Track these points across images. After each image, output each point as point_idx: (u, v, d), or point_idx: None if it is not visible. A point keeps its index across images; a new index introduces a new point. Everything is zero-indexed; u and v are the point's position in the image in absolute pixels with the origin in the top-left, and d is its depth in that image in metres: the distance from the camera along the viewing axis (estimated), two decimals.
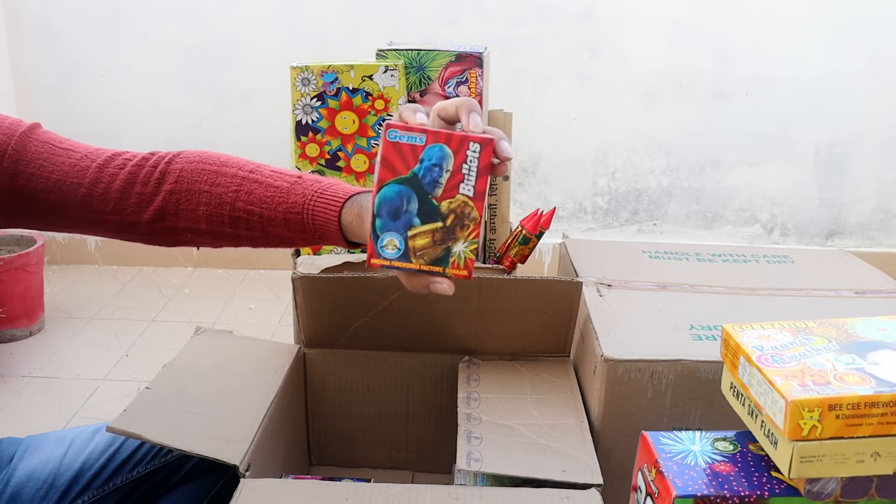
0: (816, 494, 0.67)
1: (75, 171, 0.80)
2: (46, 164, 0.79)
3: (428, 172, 0.60)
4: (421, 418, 1.19)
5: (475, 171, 0.59)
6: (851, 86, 2.26)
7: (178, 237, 0.83)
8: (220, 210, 0.80)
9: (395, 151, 0.60)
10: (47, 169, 0.79)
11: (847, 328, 0.75)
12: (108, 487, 0.96)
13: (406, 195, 0.60)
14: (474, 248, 0.61)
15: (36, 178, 0.79)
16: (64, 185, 0.79)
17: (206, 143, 2.39)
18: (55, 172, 0.79)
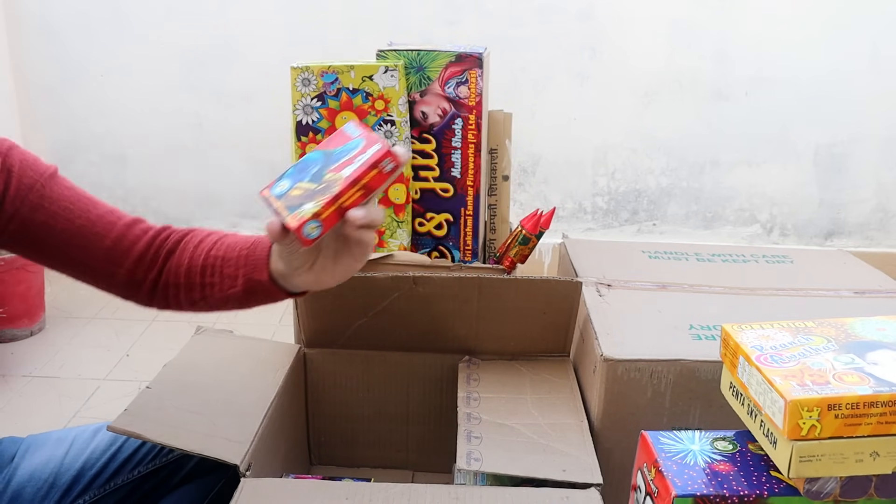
0: (815, 494, 0.67)
1: (102, 224, 0.86)
2: (73, 208, 0.85)
3: (340, 154, 0.70)
4: (421, 418, 1.19)
5: (362, 163, 0.68)
6: (851, 86, 2.26)
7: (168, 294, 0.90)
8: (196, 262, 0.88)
9: (339, 135, 0.74)
10: (73, 213, 0.85)
11: (846, 328, 0.76)
12: (109, 487, 0.96)
13: (317, 160, 0.72)
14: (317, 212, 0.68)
15: (59, 217, 0.84)
16: (89, 232, 0.85)
17: (206, 143, 2.39)
18: (80, 219, 0.85)
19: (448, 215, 1.24)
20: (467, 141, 1.19)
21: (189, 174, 2.43)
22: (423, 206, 1.24)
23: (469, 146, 1.19)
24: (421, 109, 1.19)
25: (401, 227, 1.22)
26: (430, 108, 1.19)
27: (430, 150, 1.21)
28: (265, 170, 2.40)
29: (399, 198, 1.20)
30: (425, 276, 1.08)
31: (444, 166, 1.21)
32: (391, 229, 1.22)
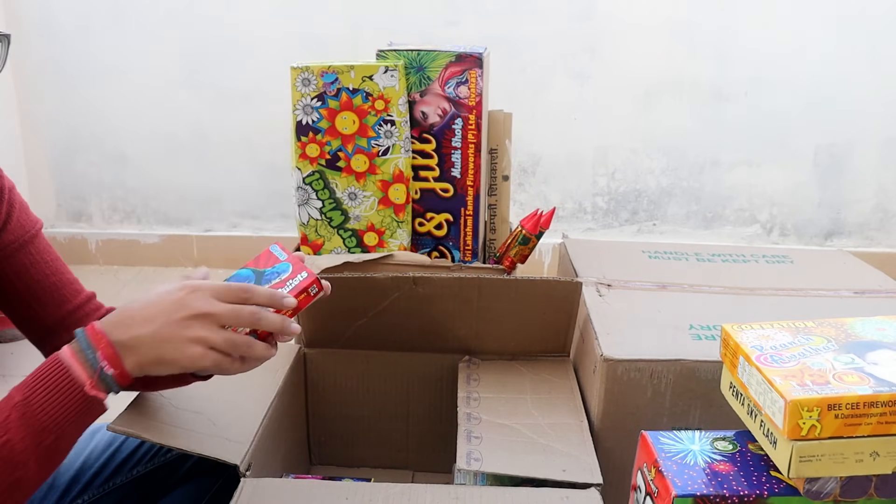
0: (815, 494, 0.67)
1: (69, 289, 0.91)
2: (52, 264, 0.90)
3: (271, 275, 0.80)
4: (421, 418, 1.19)
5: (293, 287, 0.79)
6: (851, 86, 2.26)
7: None
8: None
9: (266, 255, 0.83)
10: (50, 268, 0.90)
11: (846, 328, 0.76)
12: (109, 487, 0.96)
13: (248, 277, 0.81)
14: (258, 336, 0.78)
15: (38, 266, 0.88)
16: (57, 292, 0.90)
17: (206, 143, 2.39)
18: (54, 276, 0.90)
19: (448, 215, 1.23)
20: (467, 141, 1.19)
21: (189, 174, 2.43)
22: (423, 206, 1.24)
23: (469, 146, 1.19)
24: (421, 109, 1.19)
25: (401, 227, 1.22)
26: (430, 108, 1.19)
27: (430, 150, 1.21)
28: (265, 170, 2.40)
29: (399, 198, 1.20)
30: (425, 277, 1.08)
31: (444, 166, 1.21)
32: (391, 229, 1.22)
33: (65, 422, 0.68)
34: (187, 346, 0.71)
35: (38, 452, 0.67)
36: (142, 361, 0.71)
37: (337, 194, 1.20)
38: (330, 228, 1.22)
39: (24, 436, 0.66)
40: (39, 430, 0.67)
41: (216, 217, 2.48)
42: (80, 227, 2.50)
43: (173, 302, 0.72)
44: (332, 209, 1.21)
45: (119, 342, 0.70)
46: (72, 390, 0.68)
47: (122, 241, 2.49)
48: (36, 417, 0.67)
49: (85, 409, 0.69)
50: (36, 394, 0.68)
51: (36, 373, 0.69)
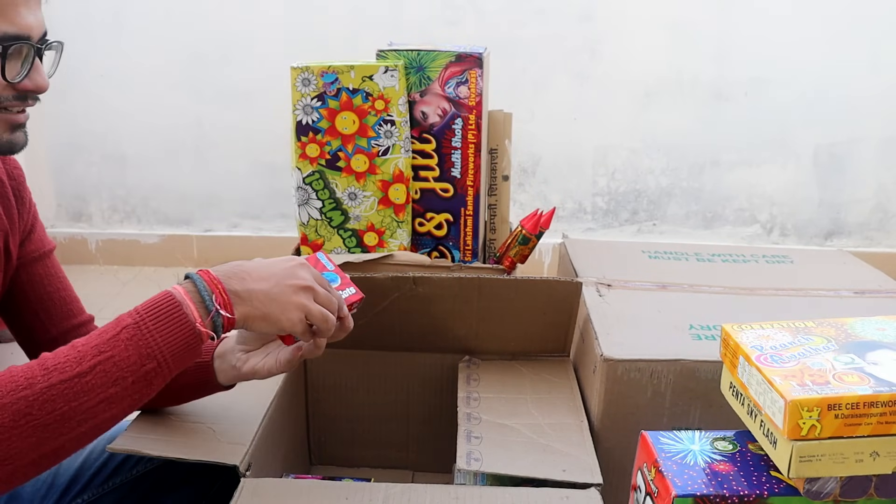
0: (815, 494, 0.67)
1: (75, 306, 0.96)
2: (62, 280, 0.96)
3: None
4: (421, 418, 1.19)
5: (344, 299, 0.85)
6: (850, 86, 2.26)
7: None
8: None
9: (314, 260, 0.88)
10: (62, 284, 0.95)
11: (846, 328, 0.76)
12: (108, 486, 0.96)
13: None
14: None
15: (50, 280, 0.94)
16: (66, 307, 0.94)
17: (206, 143, 2.39)
18: (63, 292, 0.95)
19: (448, 215, 1.23)
20: (467, 141, 1.19)
21: (189, 174, 2.43)
22: (423, 206, 1.24)
23: (469, 146, 1.19)
24: (421, 109, 1.19)
25: (401, 227, 1.22)
26: (430, 108, 1.19)
27: (430, 150, 1.21)
28: (265, 170, 2.40)
29: (399, 198, 1.20)
30: (425, 277, 1.08)
31: (444, 166, 1.21)
32: (391, 229, 1.22)
33: (169, 352, 0.71)
34: (292, 310, 0.77)
35: (137, 376, 0.70)
36: (250, 313, 0.76)
37: (337, 194, 1.20)
38: (330, 228, 1.22)
39: (129, 354, 0.69)
40: (145, 354, 0.70)
41: (216, 217, 2.48)
42: (80, 227, 2.50)
43: (287, 269, 0.79)
44: (332, 209, 1.21)
45: (233, 291, 0.75)
46: (184, 324, 0.71)
47: (122, 241, 2.48)
48: (144, 340, 0.70)
49: (191, 344, 0.72)
50: (147, 320, 0.71)
51: (148, 303, 0.72)
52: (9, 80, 0.74)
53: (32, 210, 0.93)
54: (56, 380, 0.67)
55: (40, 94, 0.78)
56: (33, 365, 0.69)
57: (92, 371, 0.68)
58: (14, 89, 0.75)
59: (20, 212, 0.90)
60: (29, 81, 0.76)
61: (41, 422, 0.66)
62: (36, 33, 0.76)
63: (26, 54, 0.75)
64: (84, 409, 0.68)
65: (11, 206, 0.88)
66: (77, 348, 0.69)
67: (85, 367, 0.68)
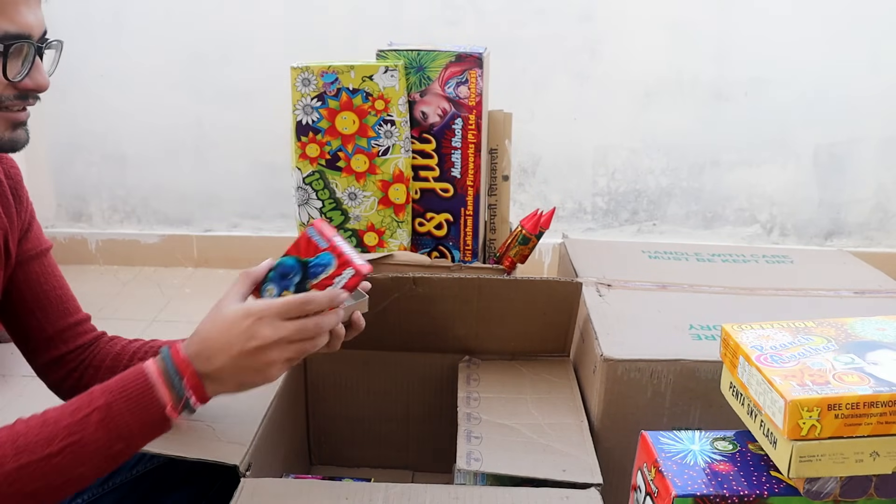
0: (815, 494, 0.67)
1: (72, 304, 0.96)
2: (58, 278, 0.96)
3: (315, 267, 0.79)
4: (421, 418, 1.19)
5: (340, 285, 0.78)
6: (850, 86, 2.26)
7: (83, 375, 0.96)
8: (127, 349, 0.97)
9: (305, 241, 0.81)
10: (58, 282, 0.95)
11: (846, 328, 0.76)
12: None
13: (294, 268, 0.80)
14: None
15: (47, 278, 0.94)
16: (62, 305, 0.95)
17: (206, 143, 2.39)
18: (60, 290, 0.95)
19: (448, 215, 1.23)
20: (467, 141, 1.19)
21: (189, 174, 2.43)
22: (423, 206, 1.24)
23: (469, 146, 1.19)
24: (421, 109, 1.19)
25: (401, 227, 1.22)
26: (430, 108, 1.19)
27: (430, 150, 1.21)
28: (265, 170, 2.40)
29: (399, 198, 1.20)
30: (425, 277, 1.08)
31: (444, 166, 1.21)
32: (391, 229, 1.22)
33: (139, 433, 0.71)
34: (266, 370, 0.75)
35: (106, 456, 0.70)
36: (222, 390, 0.75)
37: (337, 194, 1.20)
38: None
39: (98, 437, 0.69)
40: (115, 436, 0.70)
41: (216, 217, 2.48)
42: (80, 227, 2.50)
43: (243, 332, 0.74)
44: (332, 209, 1.21)
45: (203, 373, 0.73)
46: (154, 409, 0.71)
47: (122, 241, 2.48)
48: (114, 423, 0.70)
49: (158, 426, 0.72)
50: (119, 401, 0.70)
51: (121, 381, 0.72)
52: (10, 79, 0.74)
53: (30, 209, 0.93)
54: (25, 461, 0.67)
55: (41, 92, 0.79)
56: (4, 440, 0.68)
57: (61, 453, 0.68)
58: (15, 88, 0.75)
59: (18, 210, 0.90)
60: (30, 80, 0.76)
61: (7, 501, 0.67)
62: (36, 32, 0.76)
63: (27, 53, 0.76)
64: (51, 488, 0.68)
65: (10, 204, 0.89)
66: (49, 426, 0.69)
67: (54, 449, 0.68)
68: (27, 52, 0.75)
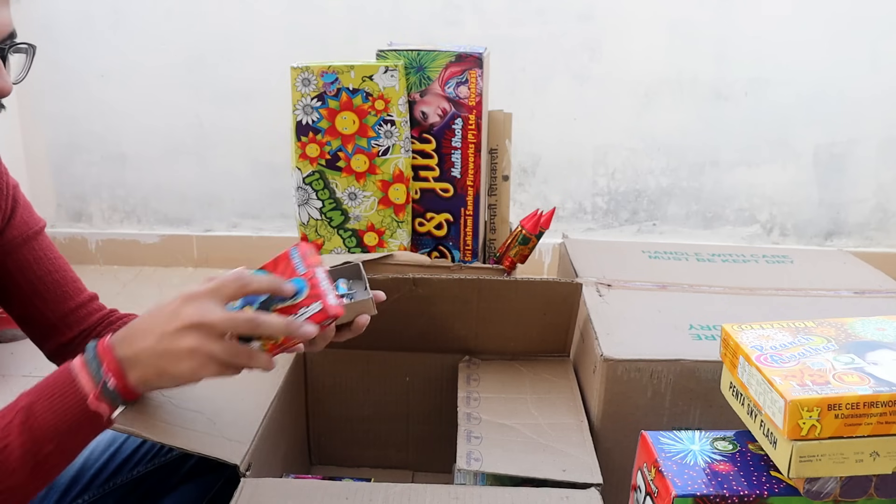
0: (815, 494, 0.67)
1: (72, 287, 0.93)
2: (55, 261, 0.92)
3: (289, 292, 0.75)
4: (421, 418, 1.19)
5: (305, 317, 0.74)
6: (850, 86, 2.26)
7: None
8: None
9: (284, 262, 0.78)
10: (53, 265, 0.91)
11: (846, 328, 0.76)
12: (109, 486, 0.96)
13: None
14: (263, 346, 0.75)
15: (41, 263, 0.90)
16: (60, 289, 0.91)
17: (206, 143, 2.39)
18: (57, 273, 0.91)
19: (448, 215, 1.24)
20: (467, 141, 1.19)
21: (189, 174, 2.43)
22: (423, 206, 1.24)
23: (469, 146, 1.20)
24: (421, 109, 1.19)
25: (401, 227, 1.22)
26: (430, 108, 1.19)
27: (430, 150, 1.21)
28: (265, 170, 2.40)
29: (399, 198, 1.20)
30: (425, 278, 1.08)
31: (444, 166, 1.21)
32: (391, 229, 1.22)
33: (64, 431, 0.67)
34: (185, 359, 0.69)
35: (36, 461, 0.66)
36: (145, 376, 0.70)
37: (337, 194, 1.20)
38: (330, 228, 1.22)
39: (23, 441, 0.65)
40: (39, 437, 0.66)
41: (216, 217, 2.48)
42: (80, 227, 2.50)
43: (169, 313, 0.70)
44: (332, 209, 1.21)
45: (124, 357, 0.70)
46: (74, 400, 0.68)
47: (122, 241, 2.48)
48: (37, 423, 0.66)
49: (84, 420, 0.68)
50: (40, 400, 0.67)
51: (46, 379, 0.69)
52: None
53: (11, 193, 0.88)
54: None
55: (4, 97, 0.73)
56: None
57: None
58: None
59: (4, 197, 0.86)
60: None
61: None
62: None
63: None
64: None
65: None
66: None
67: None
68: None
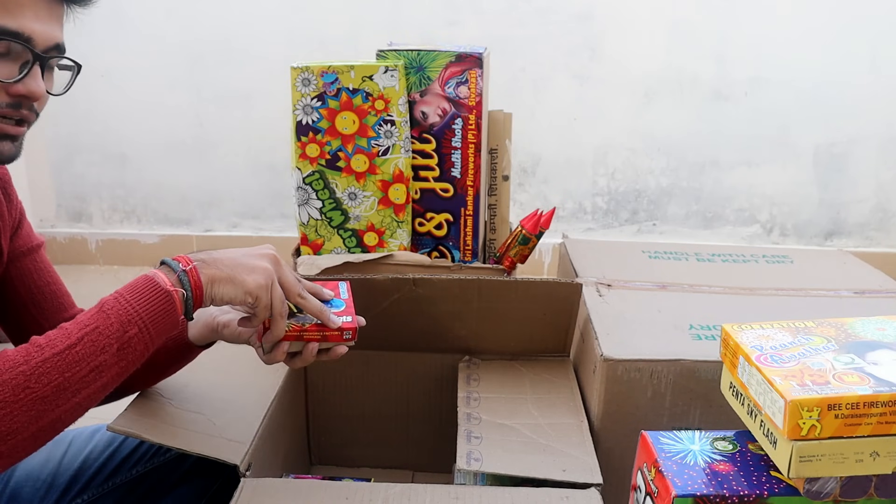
0: (815, 494, 0.67)
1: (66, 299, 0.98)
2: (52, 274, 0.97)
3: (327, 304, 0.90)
4: (421, 418, 1.19)
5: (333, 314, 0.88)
6: (850, 86, 2.26)
7: None
8: None
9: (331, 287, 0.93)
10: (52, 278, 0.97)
11: (846, 328, 0.76)
12: (108, 486, 0.96)
13: None
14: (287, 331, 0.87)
15: (41, 274, 0.95)
16: (57, 300, 0.96)
17: (206, 143, 2.39)
18: (54, 285, 0.97)
19: (448, 215, 1.23)
20: (467, 141, 1.19)
21: (189, 174, 2.43)
22: (423, 206, 1.24)
23: (469, 146, 1.19)
24: (421, 109, 1.19)
25: (401, 227, 1.22)
26: (430, 108, 1.19)
27: (430, 150, 1.21)
28: (265, 170, 2.40)
29: (399, 198, 1.20)
30: (425, 278, 1.08)
31: (444, 166, 1.21)
32: (391, 229, 1.22)
33: (148, 316, 0.75)
34: (258, 272, 0.81)
35: (122, 342, 0.74)
36: (216, 275, 0.80)
37: (337, 194, 1.20)
38: (330, 228, 1.22)
39: (111, 323, 0.74)
40: (126, 320, 0.74)
41: (216, 217, 2.48)
42: (80, 227, 2.50)
43: (252, 247, 0.85)
44: (332, 209, 1.21)
45: (199, 259, 0.80)
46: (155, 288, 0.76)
47: (122, 241, 2.49)
48: (124, 309, 0.75)
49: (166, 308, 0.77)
50: (125, 292, 0.76)
51: (127, 283, 0.78)
52: (2, 80, 0.73)
53: (19, 206, 0.94)
54: (49, 354, 0.71)
55: (35, 101, 0.77)
56: (26, 345, 0.72)
57: (80, 342, 0.72)
58: (7, 93, 0.74)
59: (8, 209, 0.91)
60: (22, 86, 0.74)
61: (39, 394, 0.69)
62: (40, 41, 0.75)
63: (25, 58, 0.74)
64: (77, 378, 0.71)
65: (0, 203, 0.89)
66: (65, 328, 0.73)
67: (73, 340, 0.72)
68: (25, 56, 0.74)
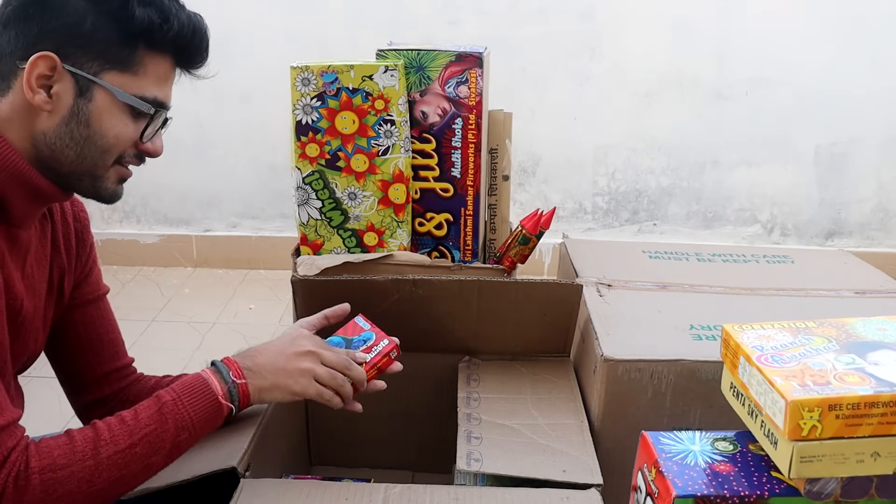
0: (816, 494, 0.67)
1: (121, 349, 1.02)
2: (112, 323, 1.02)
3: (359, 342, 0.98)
4: (421, 418, 1.19)
5: (378, 352, 0.97)
6: (851, 86, 2.26)
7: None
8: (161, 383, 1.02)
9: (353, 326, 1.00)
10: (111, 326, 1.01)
11: (847, 328, 0.75)
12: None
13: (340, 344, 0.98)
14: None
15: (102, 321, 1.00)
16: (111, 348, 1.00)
17: (206, 143, 2.39)
18: (111, 334, 1.01)
19: (448, 215, 1.23)
20: (467, 141, 1.19)
21: (189, 174, 2.43)
22: (423, 206, 1.24)
23: (469, 146, 1.19)
24: (421, 109, 1.19)
25: (401, 227, 1.22)
26: (430, 107, 1.19)
27: (430, 150, 1.20)
28: (265, 170, 2.40)
29: (399, 198, 1.20)
30: (425, 279, 1.07)
31: (444, 166, 1.21)
32: (391, 229, 1.22)
33: (199, 423, 0.82)
34: (298, 376, 0.89)
35: (173, 445, 0.81)
36: (261, 385, 0.87)
37: (337, 194, 1.20)
38: (330, 228, 1.22)
39: (168, 427, 0.80)
40: (181, 426, 0.81)
41: (216, 217, 2.47)
42: None
43: (288, 340, 0.92)
44: (332, 209, 1.21)
45: (245, 367, 0.87)
46: (210, 397, 0.83)
47: (122, 241, 2.48)
48: (181, 415, 0.81)
49: (215, 415, 0.84)
50: (183, 397, 0.82)
51: (182, 382, 0.84)
52: (141, 139, 0.82)
53: (93, 255, 0.99)
54: (112, 451, 0.77)
55: (153, 157, 0.86)
56: (91, 434, 0.77)
57: (140, 442, 0.78)
58: (137, 148, 0.83)
59: (79, 254, 0.95)
60: (151, 145, 0.84)
61: (97, 488, 0.76)
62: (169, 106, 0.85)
63: (160, 122, 0.84)
64: (131, 475, 0.78)
65: (72, 246, 0.93)
66: (127, 422, 0.79)
67: (135, 440, 0.78)
68: (161, 120, 0.84)
